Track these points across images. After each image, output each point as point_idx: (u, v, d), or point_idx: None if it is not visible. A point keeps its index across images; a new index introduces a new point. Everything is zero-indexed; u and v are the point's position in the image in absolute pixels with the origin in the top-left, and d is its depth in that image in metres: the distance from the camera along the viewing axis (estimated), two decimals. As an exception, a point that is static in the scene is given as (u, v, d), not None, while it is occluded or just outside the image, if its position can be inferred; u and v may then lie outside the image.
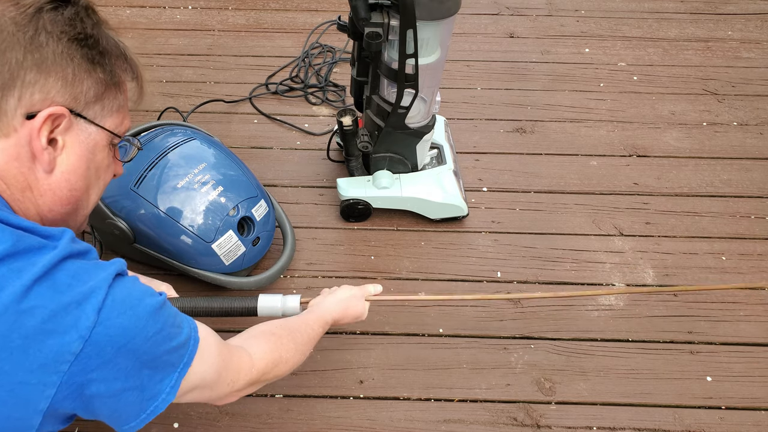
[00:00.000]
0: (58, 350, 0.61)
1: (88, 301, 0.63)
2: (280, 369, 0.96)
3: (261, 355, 0.92)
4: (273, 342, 0.96)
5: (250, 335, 0.97)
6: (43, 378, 0.61)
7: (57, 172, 0.72)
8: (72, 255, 0.65)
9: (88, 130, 0.74)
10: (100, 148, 0.77)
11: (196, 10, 2.24)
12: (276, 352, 0.95)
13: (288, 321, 1.03)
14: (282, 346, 0.97)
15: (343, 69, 2.02)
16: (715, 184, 1.69)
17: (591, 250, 1.52)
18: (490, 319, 1.38)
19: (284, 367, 0.97)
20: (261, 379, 0.92)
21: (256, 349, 0.92)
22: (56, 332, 0.60)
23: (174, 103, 1.85)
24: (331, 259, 1.49)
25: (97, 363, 0.63)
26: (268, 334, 0.98)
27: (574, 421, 1.23)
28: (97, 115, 0.75)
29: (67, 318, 0.61)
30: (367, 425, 1.21)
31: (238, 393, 0.89)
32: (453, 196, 1.51)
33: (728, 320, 1.39)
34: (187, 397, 0.79)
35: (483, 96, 1.95)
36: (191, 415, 1.21)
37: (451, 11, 1.23)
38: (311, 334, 1.04)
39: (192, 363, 0.74)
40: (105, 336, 0.63)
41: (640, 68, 2.06)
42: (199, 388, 0.79)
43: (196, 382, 0.77)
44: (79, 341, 0.61)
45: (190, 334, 0.75)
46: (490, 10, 2.30)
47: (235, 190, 1.32)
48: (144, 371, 0.68)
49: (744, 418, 1.24)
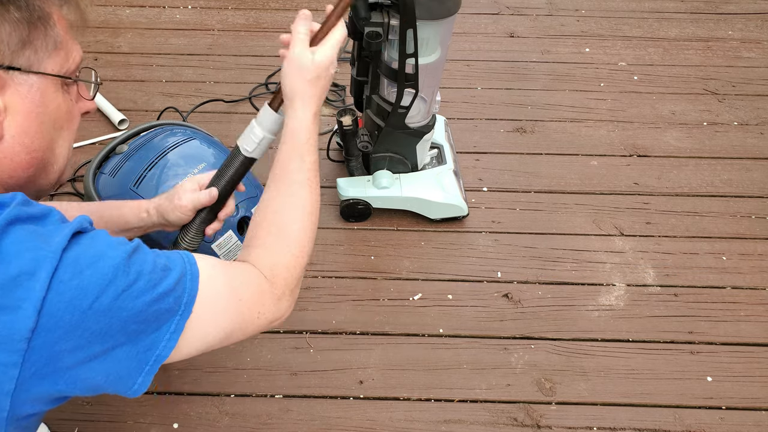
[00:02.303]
0: (12, 327, 0.55)
1: (42, 268, 0.56)
2: (303, 238, 0.81)
3: (270, 260, 0.77)
4: (273, 231, 0.81)
5: (245, 246, 0.82)
6: (2, 358, 0.55)
7: (7, 138, 0.63)
8: (21, 219, 0.58)
9: (27, 81, 0.63)
10: (50, 97, 0.66)
11: (196, 10, 2.24)
12: (283, 239, 0.79)
13: (269, 192, 0.84)
14: (285, 225, 0.81)
15: (343, 69, 2.01)
16: (715, 184, 1.69)
17: (591, 250, 1.52)
18: (490, 319, 1.38)
19: (304, 233, 0.81)
20: (294, 276, 0.78)
21: (263, 261, 0.77)
22: (8, 308, 0.55)
23: (174, 103, 1.84)
24: (331, 259, 1.48)
25: (59, 334, 0.57)
26: (262, 227, 0.81)
27: (575, 421, 1.22)
28: (32, 62, 0.63)
29: (18, 291, 0.55)
30: (367, 425, 1.21)
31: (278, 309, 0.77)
32: (453, 196, 1.51)
33: (728, 320, 1.39)
34: (210, 340, 0.70)
35: (483, 96, 1.94)
36: (191, 416, 1.21)
37: (451, 11, 1.23)
38: (303, 173, 0.84)
39: (195, 301, 0.66)
40: (60, 303, 0.56)
41: (640, 68, 2.06)
42: (219, 328, 0.70)
43: (209, 319, 0.68)
44: (33, 315, 0.55)
45: (185, 271, 0.66)
46: (490, 9, 2.30)
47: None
48: (129, 327, 0.61)
49: (744, 418, 1.24)
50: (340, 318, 1.37)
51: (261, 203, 0.84)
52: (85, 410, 1.21)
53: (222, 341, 0.72)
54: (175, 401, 1.23)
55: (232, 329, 0.72)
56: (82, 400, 1.23)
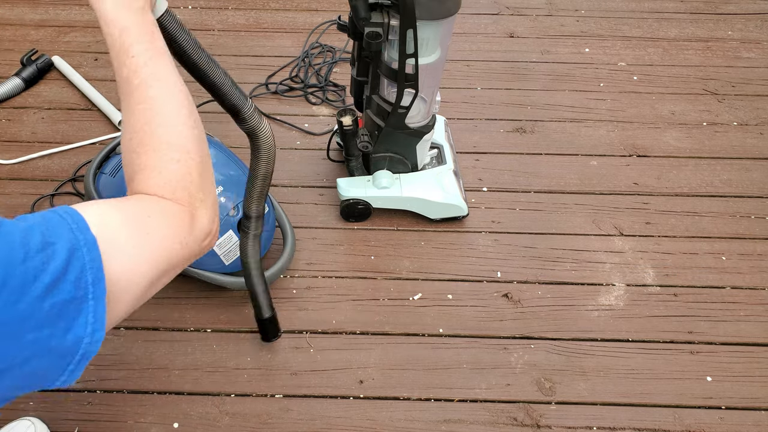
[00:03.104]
0: None
1: None
2: (181, 136, 0.66)
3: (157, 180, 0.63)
4: (142, 149, 0.65)
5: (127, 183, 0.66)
6: None
7: None
8: None
9: None
10: None
11: (196, 10, 2.24)
12: (158, 150, 0.65)
13: (124, 118, 0.67)
14: (152, 136, 0.65)
15: (343, 69, 2.02)
16: (715, 184, 1.69)
17: (591, 250, 1.52)
18: (490, 319, 1.38)
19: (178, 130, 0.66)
20: (194, 182, 0.65)
21: (150, 183, 0.63)
22: None
23: (174, 103, 1.84)
24: (331, 259, 1.48)
25: None
26: (131, 153, 0.66)
27: (574, 421, 1.23)
28: None
29: None
30: (367, 425, 1.21)
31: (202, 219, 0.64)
32: (453, 196, 1.51)
33: (728, 320, 1.39)
34: (138, 295, 0.58)
35: (483, 96, 1.94)
36: (191, 415, 1.21)
37: (451, 11, 1.23)
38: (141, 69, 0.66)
39: (102, 276, 0.52)
40: None
41: (640, 68, 2.06)
42: (142, 277, 0.57)
43: (127, 278, 0.55)
44: None
45: (74, 238, 0.51)
46: (490, 10, 2.30)
47: (235, 190, 1.32)
48: (27, 336, 0.47)
49: (744, 418, 1.24)
50: (340, 318, 1.37)
51: (123, 131, 0.67)
52: (85, 410, 1.22)
53: (154, 287, 0.60)
54: (176, 401, 1.24)
55: (158, 270, 0.59)
56: (82, 400, 1.23)
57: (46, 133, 1.77)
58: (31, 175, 1.65)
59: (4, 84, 1.85)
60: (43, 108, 1.84)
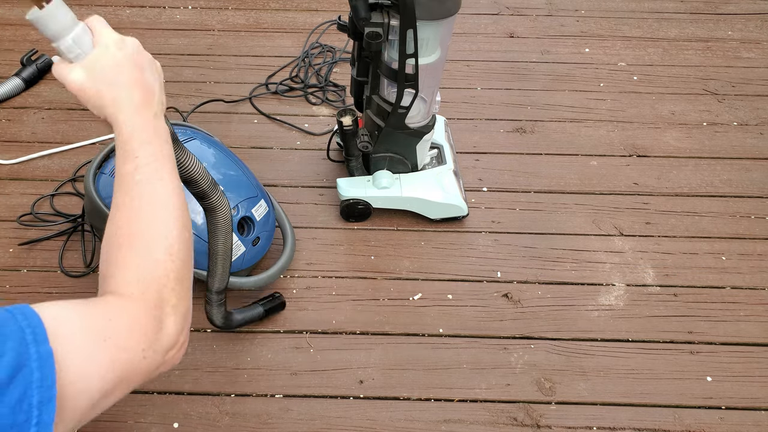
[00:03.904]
0: None
1: None
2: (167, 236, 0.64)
3: (132, 276, 0.60)
4: (126, 243, 0.63)
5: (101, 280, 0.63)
6: None
7: None
8: None
9: None
10: None
11: (196, 10, 2.24)
12: (141, 246, 0.63)
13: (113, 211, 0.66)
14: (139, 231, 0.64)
15: (343, 69, 2.02)
16: (715, 184, 1.69)
17: (591, 250, 1.52)
18: (490, 319, 1.38)
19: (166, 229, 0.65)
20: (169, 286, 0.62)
21: (124, 281, 0.60)
22: None
23: (174, 103, 1.85)
24: (331, 259, 1.48)
25: None
26: (113, 247, 0.64)
27: (574, 421, 1.23)
28: None
29: None
30: (367, 425, 1.21)
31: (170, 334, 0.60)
32: (453, 196, 1.51)
33: (728, 320, 1.39)
34: (103, 402, 0.53)
35: (483, 96, 1.95)
36: (191, 415, 1.21)
37: (451, 11, 1.23)
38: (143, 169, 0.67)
39: (52, 396, 0.46)
40: None
41: (640, 68, 2.06)
42: (107, 389, 0.53)
43: (88, 389, 0.51)
44: None
45: (23, 357, 0.45)
46: (490, 10, 2.30)
47: (235, 190, 1.32)
48: None
49: (744, 418, 1.24)
50: (340, 318, 1.37)
51: (108, 227, 0.66)
52: (85, 410, 1.21)
53: (106, 399, 0.54)
54: (176, 401, 1.24)
55: (113, 380, 0.54)
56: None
57: (46, 133, 1.77)
58: (31, 175, 1.65)
59: (4, 84, 1.85)
60: (43, 108, 1.84)
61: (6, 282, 1.42)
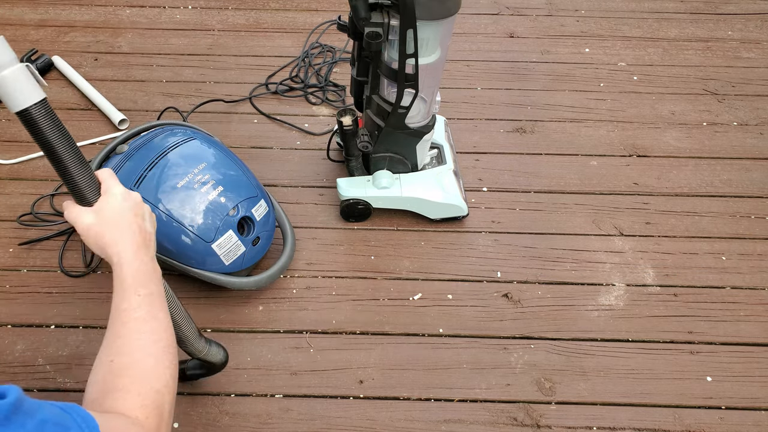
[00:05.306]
0: None
1: None
2: (164, 372, 0.76)
3: (137, 402, 0.71)
4: (129, 373, 0.73)
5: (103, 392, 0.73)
6: None
7: None
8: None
9: None
10: None
11: (196, 10, 2.24)
12: (144, 378, 0.73)
13: (112, 335, 0.76)
14: (140, 364, 0.74)
15: (343, 69, 2.02)
16: (715, 184, 1.69)
17: (591, 250, 1.52)
18: (490, 319, 1.38)
19: (162, 366, 0.76)
20: (161, 412, 0.73)
21: (130, 405, 0.71)
22: None
23: (174, 103, 1.85)
24: (331, 259, 1.49)
25: None
26: (115, 371, 0.73)
27: (574, 421, 1.23)
28: None
29: None
30: (367, 425, 1.21)
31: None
32: (453, 196, 1.51)
33: (728, 320, 1.39)
34: None
35: (483, 96, 1.95)
36: (191, 415, 1.21)
37: (451, 11, 1.23)
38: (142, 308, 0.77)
39: None
40: None
41: (640, 68, 2.06)
42: None
43: None
44: None
45: None
46: (490, 10, 2.30)
47: (235, 190, 1.32)
48: None
49: (744, 418, 1.24)
50: (340, 318, 1.37)
51: (107, 347, 0.75)
52: (85, 410, 1.21)
53: None
54: (176, 401, 1.23)
55: None
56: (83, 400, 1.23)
57: (46, 133, 1.76)
58: (31, 175, 1.65)
59: (4, 84, 1.85)
60: (43, 108, 1.84)
61: (6, 282, 1.42)
